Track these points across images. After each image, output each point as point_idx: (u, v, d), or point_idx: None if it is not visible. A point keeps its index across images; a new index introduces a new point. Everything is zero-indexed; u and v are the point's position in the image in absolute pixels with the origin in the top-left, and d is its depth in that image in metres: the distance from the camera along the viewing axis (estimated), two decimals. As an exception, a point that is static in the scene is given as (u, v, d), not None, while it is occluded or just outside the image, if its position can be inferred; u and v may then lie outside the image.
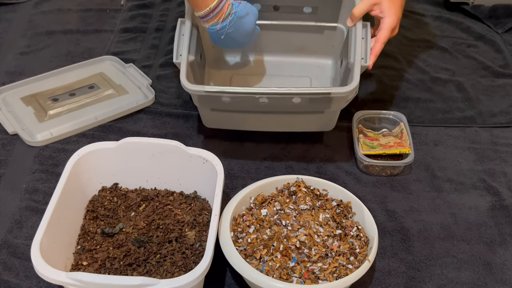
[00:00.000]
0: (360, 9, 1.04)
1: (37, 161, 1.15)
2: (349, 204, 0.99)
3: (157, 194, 1.03)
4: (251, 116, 1.05)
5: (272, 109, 1.01)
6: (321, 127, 1.08)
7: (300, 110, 1.02)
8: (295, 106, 1.00)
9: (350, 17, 1.06)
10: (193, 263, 0.90)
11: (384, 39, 1.03)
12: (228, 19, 1.00)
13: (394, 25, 1.04)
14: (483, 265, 0.98)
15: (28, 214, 1.04)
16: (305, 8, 1.12)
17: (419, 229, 1.04)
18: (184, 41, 1.02)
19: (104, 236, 0.95)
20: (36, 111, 1.24)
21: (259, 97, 0.97)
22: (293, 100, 0.98)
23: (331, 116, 1.04)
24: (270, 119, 1.03)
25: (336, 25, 1.13)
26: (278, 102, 0.99)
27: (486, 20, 1.67)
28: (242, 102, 0.99)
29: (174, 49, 1.02)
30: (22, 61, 1.44)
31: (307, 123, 1.04)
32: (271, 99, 0.98)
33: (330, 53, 1.16)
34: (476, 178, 1.15)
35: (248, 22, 1.04)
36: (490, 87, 1.41)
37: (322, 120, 1.03)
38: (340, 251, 0.90)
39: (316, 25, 1.13)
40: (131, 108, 1.28)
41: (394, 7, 1.03)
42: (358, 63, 0.98)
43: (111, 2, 1.71)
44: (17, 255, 0.96)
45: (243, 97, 0.97)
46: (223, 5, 0.98)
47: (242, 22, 1.03)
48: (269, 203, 0.99)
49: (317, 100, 0.98)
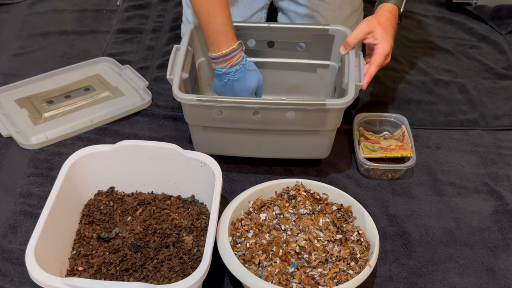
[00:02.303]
0: (355, 38, 1.07)
1: (32, 164, 1.15)
2: (350, 208, 0.99)
3: (154, 198, 1.03)
4: (243, 138, 1.06)
5: (265, 126, 1.02)
6: (316, 152, 1.09)
7: (294, 128, 1.02)
8: (290, 122, 1.01)
9: (344, 45, 1.09)
10: (190, 268, 0.91)
11: (379, 62, 1.06)
12: (236, 67, 1.06)
13: (388, 51, 1.07)
14: (486, 270, 0.99)
15: (22, 218, 1.04)
16: (299, 45, 1.15)
17: (421, 233, 1.05)
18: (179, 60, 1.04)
19: (100, 241, 0.95)
20: (30, 114, 1.25)
21: (252, 107, 0.97)
22: (288, 114, 0.99)
23: (326, 138, 1.06)
24: (264, 142, 1.04)
25: (328, 63, 1.17)
26: (272, 117, 1.00)
27: (490, 21, 1.68)
28: (235, 118, 1.00)
29: (169, 67, 1.04)
30: (16, 63, 1.45)
31: (302, 146, 1.05)
32: (265, 113, 0.99)
33: (322, 93, 1.19)
34: (479, 182, 1.16)
35: (252, 79, 1.09)
36: (494, 89, 1.42)
37: (317, 143, 1.05)
38: (340, 256, 0.91)
39: (309, 63, 1.16)
40: (128, 111, 1.28)
41: (387, 36, 1.07)
42: (353, 81, 1.00)
43: (107, 2, 1.72)
44: (11, 260, 0.97)
45: (235, 110, 0.98)
46: (235, 54, 1.05)
47: (248, 75, 1.08)
48: (268, 207, 0.99)
49: (312, 115, 0.99)
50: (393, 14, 1.11)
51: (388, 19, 1.09)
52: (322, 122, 1.01)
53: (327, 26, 1.12)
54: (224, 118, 1.00)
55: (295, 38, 1.14)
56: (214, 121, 1.01)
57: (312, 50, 1.15)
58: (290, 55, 1.16)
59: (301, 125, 1.01)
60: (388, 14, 1.10)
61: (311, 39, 1.13)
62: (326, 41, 1.13)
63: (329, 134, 1.05)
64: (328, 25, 1.12)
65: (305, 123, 1.01)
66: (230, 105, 0.98)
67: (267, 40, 1.15)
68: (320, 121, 1.01)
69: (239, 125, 1.02)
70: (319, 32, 1.12)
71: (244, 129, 1.03)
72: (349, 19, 1.27)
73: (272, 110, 0.98)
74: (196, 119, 1.02)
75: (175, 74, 1.01)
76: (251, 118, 1.00)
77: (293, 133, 1.04)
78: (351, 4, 1.27)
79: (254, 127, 1.02)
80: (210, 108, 0.99)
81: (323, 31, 1.12)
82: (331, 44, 1.13)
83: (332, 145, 1.09)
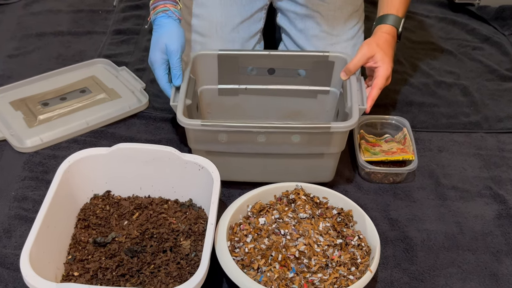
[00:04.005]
0: (356, 64, 1.09)
1: (27, 167, 1.16)
2: (350, 212, 1.00)
3: (151, 202, 1.04)
4: (247, 163, 1.07)
5: (270, 150, 1.03)
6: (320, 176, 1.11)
7: (299, 152, 1.04)
8: (294, 146, 1.02)
9: (345, 71, 1.11)
10: (188, 273, 0.91)
11: (381, 85, 1.09)
12: (156, 16, 1.09)
13: (389, 73, 1.10)
14: (489, 276, 0.99)
15: (17, 223, 1.05)
16: (300, 72, 1.18)
17: (422, 238, 1.05)
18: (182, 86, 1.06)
19: (96, 245, 0.96)
20: (25, 116, 1.25)
21: (257, 131, 0.99)
22: (293, 138, 1.00)
23: (331, 162, 1.07)
24: (268, 167, 1.06)
25: (329, 89, 1.19)
26: (277, 140, 1.01)
27: (493, 22, 1.68)
28: (239, 142, 1.01)
29: (172, 94, 1.06)
30: (10, 64, 1.45)
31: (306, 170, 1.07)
32: (270, 136, 1.00)
33: (323, 118, 1.21)
34: (482, 186, 1.16)
35: (167, 32, 1.08)
36: (497, 91, 1.42)
37: (321, 167, 1.07)
38: (341, 261, 0.91)
39: (310, 89, 1.18)
40: (124, 113, 1.29)
41: (387, 58, 1.10)
42: (356, 104, 1.02)
43: (103, 3, 1.72)
44: (5, 266, 0.97)
45: (240, 134, 1.00)
46: (159, 3, 1.10)
47: (164, 28, 1.08)
48: (267, 211, 0.99)
49: (316, 138, 1.01)
50: (392, 35, 1.14)
51: (387, 41, 1.12)
52: (327, 145, 1.02)
53: (327, 52, 1.14)
54: (228, 142, 1.02)
55: (295, 65, 1.16)
56: (218, 146, 1.03)
57: (312, 77, 1.17)
58: (291, 81, 1.19)
59: (306, 149, 1.03)
60: (386, 36, 1.12)
61: (311, 65, 1.16)
62: (326, 68, 1.15)
63: (334, 158, 1.07)
64: (328, 52, 1.15)
65: (309, 147, 1.02)
66: (235, 130, 0.99)
67: (267, 67, 1.17)
68: (325, 144, 1.02)
69: (244, 149, 1.03)
70: (319, 59, 1.15)
71: (248, 153, 1.05)
72: (350, 19, 1.28)
73: (277, 133, 1.00)
74: (200, 144, 1.03)
75: (178, 101, 1.03)
76: (255, 142, 1.01)
77: (297, 157, 1.06)
78: (352, 4, 1.27)
79: (258, 152, 1.04)
80: (214, 132, 1.00)
81: (323, 58, 1.15)
82: (331, 70, 1.16)
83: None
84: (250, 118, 1.13)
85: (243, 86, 1.19)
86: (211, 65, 1.16)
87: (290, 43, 1.32)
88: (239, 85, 1.19)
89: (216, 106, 1.22)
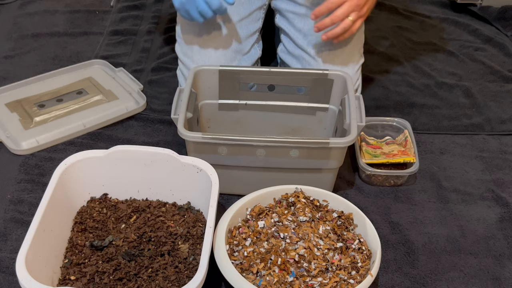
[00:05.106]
0: None
1: (23, 170, 1.16)
2: (351, 215, 1.00)
3: (148, 205, 1.04)
4: (246, 177, 1.09)
5: (269, 164, 1.06)
6: None
7: (297, 166, 1.06)
8: (293, 161, 1.04)
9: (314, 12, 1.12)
10: (186, 277, 0.91)
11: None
12: None
13: None
14: (492, 279, 0.99)
15: (13, 226, 1.05)
16: (299, 89, 1.20)
17: (424, 242, 1.05)
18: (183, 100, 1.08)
19: (93, 249, 0.96)
20: (21, 118, 1.25)
21: (257, 145, 1.01)
22: (291, 153, 1.03)
23: (329, 177, 1.09)
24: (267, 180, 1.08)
25: (328, 106, 1.21)
26: (276, 155, 1.03)
27: (495, 22, 1.69)
28: (238, 155, 1.04)
29: (173, 107, 1.07)
30: (6, 65, 1.46)
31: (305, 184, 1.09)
32: (269, 151, 1.02)
33: (321, 135, 1.25)
34: (484, 188, 1.17)
35: None
36: (499, 93, 1.43)
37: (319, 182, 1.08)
38: (341, 265, 0.91)
39: (309, 106, 1.21)
40: (121, 115, 1.29)
41: None
42: (354, 121, 1.04)
43: (100, 3, 1.73)
44: (1, 269, 0.97)
45: (240, 147, 1.02)
46: None
47: None
48: (266, 214, 1.00)
49: (315, 153, 1.03)
50: None
51: None
52: (325, 160, 1.04)
53: (326, 70, 1.16)
54: (228, 157, 1.04)
55: (295, 82, 1.19)
56: (218, 159, 1.04)
57: (311, 94, 1.20)
58: (290, 98, 1.21)
59: (304, 163, 1.05)
60: None
61: (310, 83, 1.18)
62: (326, 85, 1.18)
63: (332, 173, 1.09)
64: (327, 70, 1.16)
65: (308, 162, 1.04)
66: (235, 143, 1.01)
67: (267, 84, 1.19)
68: (323, 159, 1.04)
69: (243, 162, 1.05)
70: (319, 77, 1.17)
71: (248, 167, 1.07)
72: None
73: (276, 148, 1.02)
74: (199, 157, 1.04)
75: (179, 114, 1.04)
76: (255, 156, 1.04)
77: (296, 171, 1.08)
78: None
79: (257, 165, 1.06)
80: (215, 145, 1.02)
81: (322, 76, 1.17)
82: (330, 88, 1.18)
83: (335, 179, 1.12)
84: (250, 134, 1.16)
85: (243, 102, 1.22)
86: (212, 80, 1.18)
87: (289, 43, 1.32)
88: (239, 101, 1.22)
89: (216, 120, 1.25)
